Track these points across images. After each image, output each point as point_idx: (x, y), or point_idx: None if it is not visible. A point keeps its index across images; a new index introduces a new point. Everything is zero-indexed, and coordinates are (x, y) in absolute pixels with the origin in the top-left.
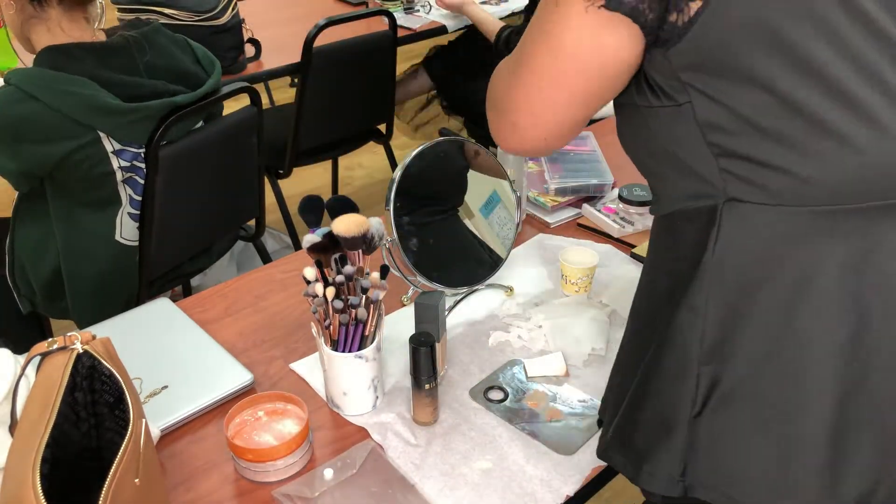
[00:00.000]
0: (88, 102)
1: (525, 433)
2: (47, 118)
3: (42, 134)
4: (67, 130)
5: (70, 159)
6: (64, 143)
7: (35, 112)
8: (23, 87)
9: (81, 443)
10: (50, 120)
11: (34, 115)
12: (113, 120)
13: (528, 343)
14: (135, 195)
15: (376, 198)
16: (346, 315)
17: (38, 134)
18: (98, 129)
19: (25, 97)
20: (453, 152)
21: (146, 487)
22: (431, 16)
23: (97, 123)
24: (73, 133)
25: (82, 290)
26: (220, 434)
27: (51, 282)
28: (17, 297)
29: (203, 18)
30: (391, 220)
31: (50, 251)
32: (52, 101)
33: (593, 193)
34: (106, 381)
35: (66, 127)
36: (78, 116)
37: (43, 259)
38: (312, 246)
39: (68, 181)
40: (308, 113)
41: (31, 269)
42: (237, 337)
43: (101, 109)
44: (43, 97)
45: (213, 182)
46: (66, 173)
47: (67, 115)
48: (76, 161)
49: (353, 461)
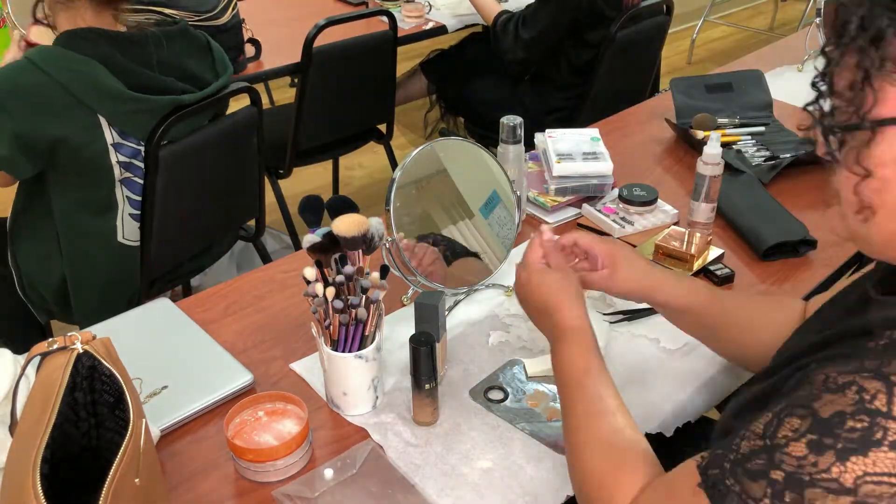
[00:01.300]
0: (94, 82)
1: (525, 433)
2: (50, 90)
3: (42, 104)
4: (67, 107)
5: (68, 143)
6: (62, 123)
7: (40, 82)
8: (35, 60)
9: (81, 443)
10: (53, 92)
11: (38, 85)
12: (114, 105)
13: (528, 343)
14: (133, 196)
15: (376, 198)
16: (346, 315)
17: (38, 104)
18: (98, 111)
19: (34, 69)
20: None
21: (146, 487)
22: (431, 16)
23: (98, 106)
24: (73, 113)
25: (87, 294)
26: (220, 434)
27: (63, 291)
28: (33, 310)
29: (203, 18)
30: (391, 220)
31: (54, 261)
32: (59, 76)
33: (593, 193)
34: (106, 381)
35: (66, 103)
36: (81, 95)
37: (49, 271)
38: (312, 246)
39: (69, 174)
40: (308, 113)
41: (41, 283)
42: (237, 337)
43: (105, 92)
44: (51, 70)
45: (214, 182)
46: (65, 159)
47: (71, 91)
48: (74, 146)
49: (353, 461)
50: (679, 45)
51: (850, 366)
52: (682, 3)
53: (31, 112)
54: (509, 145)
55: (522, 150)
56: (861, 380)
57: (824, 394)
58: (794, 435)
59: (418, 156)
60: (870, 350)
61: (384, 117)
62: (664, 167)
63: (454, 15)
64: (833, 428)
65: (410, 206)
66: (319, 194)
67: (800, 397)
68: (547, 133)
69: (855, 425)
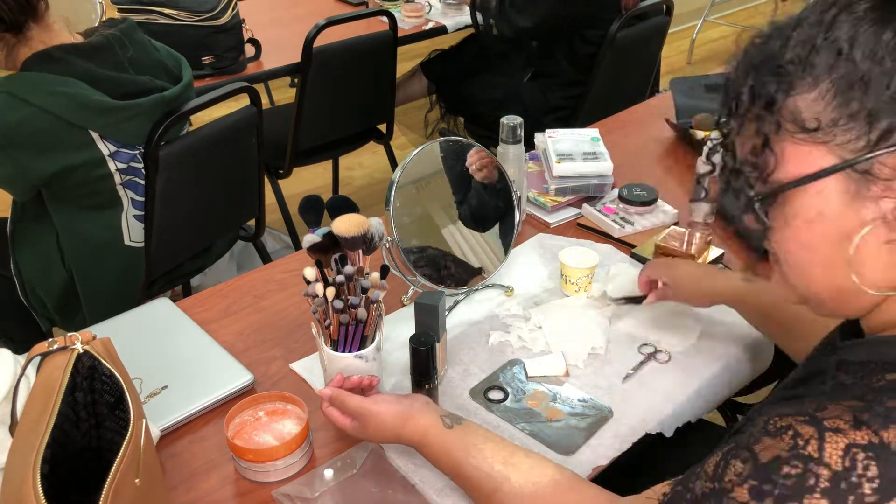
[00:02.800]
0: (79, 101)
1: (525, 433)
2: (41, 123)
3: (37, 142)
4: (61, 136)
5: (67, 168)
6: (59, 156)
7: (28, 117)
8: (14, 92)
9: (81, 443)
10: (44, 125)
11: (28, 121)
12: (104, 118)
13: (528, 343)
14: (137, 196)
15: (376, 198)
16: (346, 315)
17: (33, 142)
18: (90, 128)
19: (18, 103)
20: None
21: (146, 488)
22: (431, 16)
23: (89, 123)
24: (67, 139)
25: (97, 300)
26: (220, 434)
27: (63, 298)
28: (35, 316)
29: (203, 18)
30: (391, 220)
31: (55, 268)
32: (44, 103)
33: (593, 193)
34: (106, 381)
35: (59, 132)
36: (70, 117)
37: (50, 278)
38: (312, 246)
39: (67, 190)
40: (308, 113)
41: (42, 290)
42: (237, 337)
43: (92, 107)
44: (34, 100)
45: (214, 182)
46: (63, 183)
47: (60, 116)
48: (71, 168)
49: (353, 461)
50: (679, 45)
51: (791, 408)
52: (682, 3)
53: (26, 150)
54: (509, 145)
55: (522, 150)
56: (797, 424)
57: (763, 437)
58: (738, 479)
59: (418, 156)
60: (817, 392)
61: (384, 117)
62: (664, 167)
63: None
64: (771, 474)
65: (410, 206)
66: (319, 194)
67: (743, 440)
68: (547, 133)
69: (790, 471)
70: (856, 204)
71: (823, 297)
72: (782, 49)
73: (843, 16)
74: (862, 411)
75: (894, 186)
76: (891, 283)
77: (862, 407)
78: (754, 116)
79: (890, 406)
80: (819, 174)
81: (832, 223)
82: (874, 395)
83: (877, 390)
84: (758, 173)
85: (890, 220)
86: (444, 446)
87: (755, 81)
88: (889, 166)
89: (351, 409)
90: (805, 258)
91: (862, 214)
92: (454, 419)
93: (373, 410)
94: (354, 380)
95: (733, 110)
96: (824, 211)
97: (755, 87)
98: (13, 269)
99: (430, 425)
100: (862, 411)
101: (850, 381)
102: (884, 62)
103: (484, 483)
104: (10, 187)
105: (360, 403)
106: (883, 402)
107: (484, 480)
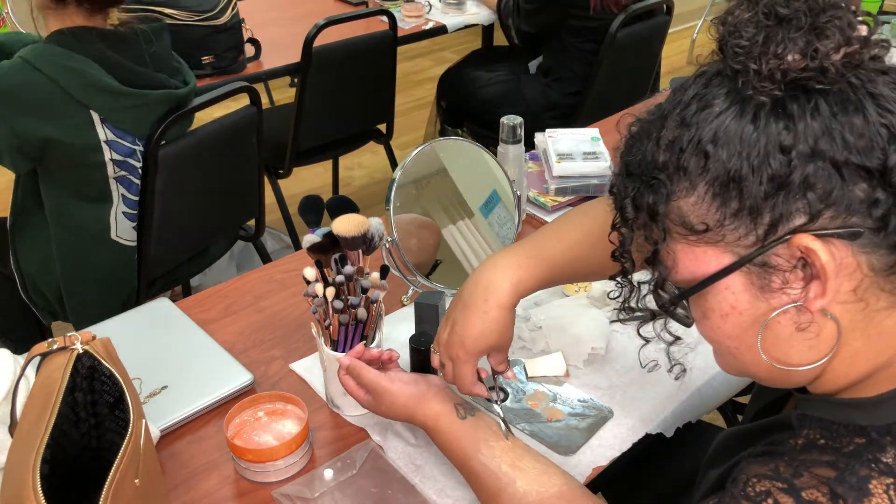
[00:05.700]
0: (87, 79)
1: (525, 433)
2: (43, 88)
3: (34, 103)
4: (61, 107)
5: (59, 142)
6: (52, 122)
7: (32, 81)
8: (28, 58)
9: (81, 443)
10: (45, 91)
11: (31, 84)
12: (108, 100)
13: (528, 343)
14: (129, 194)
15: (376, 198)
16: (346, 315)
17: (30, 103)
18: (92, 107)
19: (28, 68)
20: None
21: (146, 488)
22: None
23: (92, 102)
24: (66, 112)
25: (80, 292)
26: (220, 434)
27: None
28: (36, 311)
29: (203, 18)
30: (391, 220)
31: (54, 260)
32: (52, 73)
33: (593, 193)
34: (106, 381)
35: (59, 101)
36: (74, 91)
37: (50, 271)
38: (312, 246)
39: (59, 169)
40: (308, 113)
41: (43, 283)
42: (237, 337)
43: (98, 87)
44: (44, 69)
45: (213, 182)
46: (56, 157)
47: (64, 88)
48: (66, 143)
49: (353, 461)
50: (679, 45)
51: (769, 466)
52: (682, 3)
53: (23, 112)
54: (509, 145)
55: (522, 150)
56: (776, 492)
57: (743, 501)
58: None
59: (418, 156)
60: (789, 448)
61: (384, 117)
62: None
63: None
64: None
65: (410, 206)
66: (319, 194)
67: (726, 500)
68: (547, 133)
69: None
70: (765, 295)
71: (762, 376)
72: (655, 153)
73: (702, 114)
74: (837, 482)
75: (791, 278)
76: (819, 357)
77: (836, 478)
78: (642, 225)
79: (862, 475)
80: (718, 275)
81: (747, 314)
82: (846, 461)
83: (847, 456)
84: (660, 277)
85: (800, 306)
86: (455, 436)
87: (636, 194)
88: (783, 257)
89: (366, 383)
90: (732, 346)
91: (773, 304)
92: (468, 409)
93: (387, 388)
94: (375, 352)
95: (623, 221)
96: (736, 305)
97: (636, 198)
98: (13, 265)
99: (442, 412)
100: (837, 482)
101: (820, 442)
102: (750, 157)
103: (490, 481)
104: (7, 152)
105: (375, 378)
106: (856, 472)
107: (490, 478)
